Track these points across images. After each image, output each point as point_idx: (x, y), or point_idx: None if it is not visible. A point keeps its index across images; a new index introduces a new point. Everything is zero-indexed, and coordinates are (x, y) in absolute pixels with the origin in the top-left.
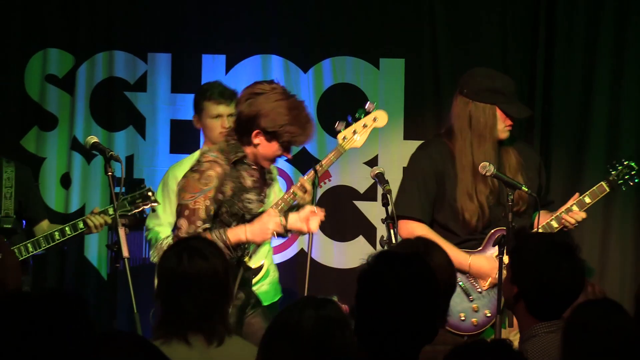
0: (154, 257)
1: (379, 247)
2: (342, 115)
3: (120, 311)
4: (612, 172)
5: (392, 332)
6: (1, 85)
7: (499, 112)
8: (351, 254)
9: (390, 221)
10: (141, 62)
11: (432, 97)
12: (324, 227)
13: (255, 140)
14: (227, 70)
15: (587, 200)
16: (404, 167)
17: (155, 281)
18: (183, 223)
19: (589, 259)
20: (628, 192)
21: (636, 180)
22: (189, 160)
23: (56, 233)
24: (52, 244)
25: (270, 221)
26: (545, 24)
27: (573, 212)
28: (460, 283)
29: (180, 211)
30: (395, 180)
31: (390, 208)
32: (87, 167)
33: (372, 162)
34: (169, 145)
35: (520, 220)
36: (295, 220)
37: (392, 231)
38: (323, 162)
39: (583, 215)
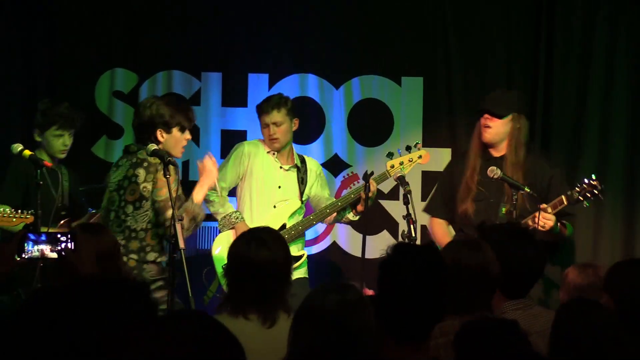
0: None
1: (400, 240)
2: (369, 126)
3: (177, 295)
4: (576, 189)
5: (407, 312)
6: (75, 100)
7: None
8: (377, 246)
9: (410, 217)
10: (196, 80)
11: (446, 110)
12: (353, 222)
13: None
14: (269, 87)
15: (549, 209)
16: (423, 171)
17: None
18: None
19: (582, 252)
20: (617, 195)
21: (601, 197)
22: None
23: None
24: None
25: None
26: (545, 50)
27: (544, 215)
28: None
29: None
30: (414, 183)
31: (410, 206)
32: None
33: None
34: (220, 152)
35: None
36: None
37: (411, 226)
38: (371, 181)
39: (547, 214)
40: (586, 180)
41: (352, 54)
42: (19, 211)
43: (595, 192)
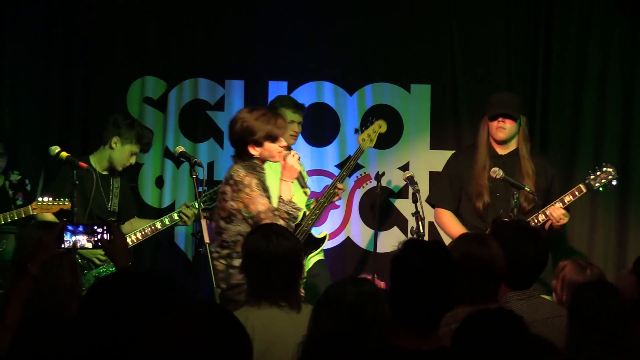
0: None
1: (409, 235)
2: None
3: (202, 286)
4: (591, 177)
5: (417, 303)
6: (108, 105)
7: (487, 120)
8: (387, 241)
9: (419, 215)
10: (220, 87)
11: (452, 115)
12: (366, 218)
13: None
14: (288, 94)
15: (567, 198)
16: (430, 171)
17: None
18: None
19: (578, 246)
20: (611, 190)
21: (614, 183)
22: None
23: (157, 223)
24: (153, 234)
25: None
26: (543, 59)
27: (555, 207)
28: None
29: None
30: (423, 182)
31: (418, 204)
32: (176, 171)
33: (404, 168)
34: None
35: (526, 217)
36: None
37: (420, 223)
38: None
39: (562, 210)
40: (602, 168)
41: (365, 63)
42: (57, 199)
43: (610, 177)
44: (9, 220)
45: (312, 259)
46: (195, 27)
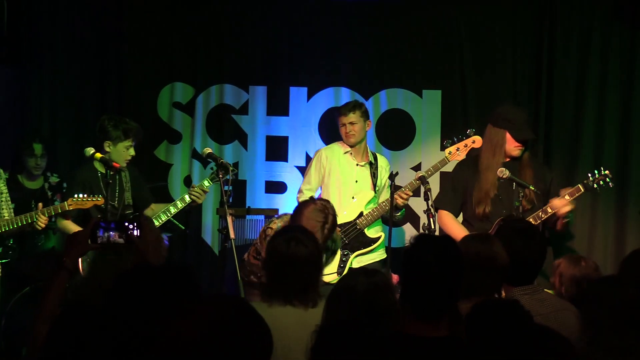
0: None
1: (421, 231)
2: (395, 133)
3: (228, 279)
4: (590, 178)
5: (427, 293)
6: (140, 109)
7: (508, 136)
8: (401, 236)
9: (430, 212)
10: (244, 92)
11: (461, 119)
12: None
13: None
14: (308, 99)
15: (567, 197)
16: (440, 172)
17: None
18: None
19: (579, 243)
20: (610, 192)
21: (610, 185)
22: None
23: (171, 208)
24: (170, 216)
25: None
26: (547, 69)
27: (556, 198)
28: None
29: None
30: (434, 182)
31: (430, 202)
32: (203, 171)
33: (417, 168)
34: (265, 155)
35: (526, 215)
36: None
37: (431, 219)
38: (431, 170)
39: (564, 200)
40: (599, 172)
41: (379, 70)
42: (91, 195)
43: (607, 180)
44: (46, 216)
45: (363, 257)
46: (221, 37)
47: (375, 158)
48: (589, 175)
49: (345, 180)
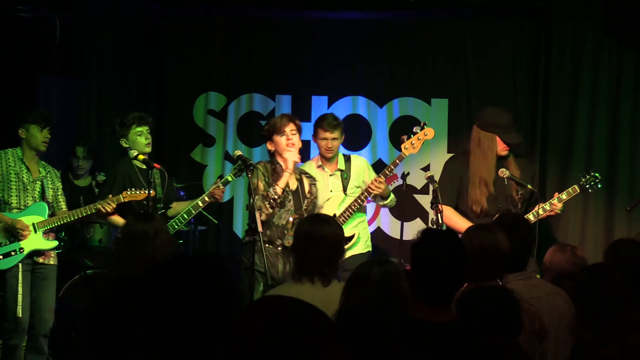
0: None
1: (430, 225)
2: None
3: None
4: (582, 180)
5: (434, 281)
6: (178, 116)
7: (498, 139)
8: (411, 230)
9: (437, 208)
10: (271, 101)
11: (466, 125)
12: (394, 211)
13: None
14: (328, 106)
15: (564, 196)
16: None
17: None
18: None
19: (572, 237)
20: (600, 191)
21: (599, 186)
22: (309, 164)
23: (191, 208)
24: (193, 215)
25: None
26: (543, 81)
27: (554, 203)
28: None
29: None
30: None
31: (437, 199)
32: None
33: (426, 168)
34: None
35: (515, 210)
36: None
37: (438, 215)
38: (391, 166)
39: (560, 206)
40: (590, 174)
41: (393, 80)
42: (141, 188)
43: (597, 181)
44: (94, 211)
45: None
46: (251, 51)
47: (348, 160)
48: (581, 177)
49: (322, 193)
